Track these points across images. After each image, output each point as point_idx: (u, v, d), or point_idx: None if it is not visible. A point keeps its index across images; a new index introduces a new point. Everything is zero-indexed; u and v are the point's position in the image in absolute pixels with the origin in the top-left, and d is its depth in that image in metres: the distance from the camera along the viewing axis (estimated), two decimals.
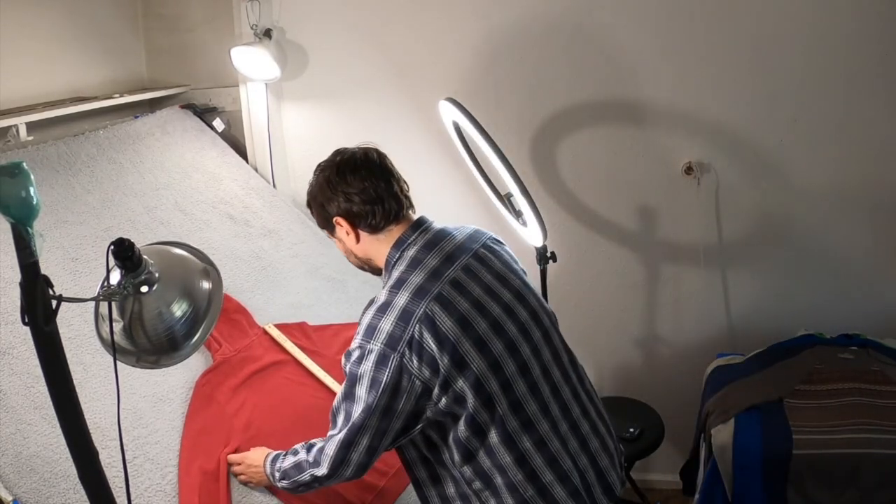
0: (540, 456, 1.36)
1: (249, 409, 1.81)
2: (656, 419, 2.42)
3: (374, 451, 1.33)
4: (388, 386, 1.26)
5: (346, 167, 1.40)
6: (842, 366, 2.24)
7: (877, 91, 2.29)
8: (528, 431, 1.36)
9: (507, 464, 1.35)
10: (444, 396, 1.29)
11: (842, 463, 1.89)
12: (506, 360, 1.34)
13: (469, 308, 1.33)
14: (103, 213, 2.09)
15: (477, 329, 1.32)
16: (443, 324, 1.28)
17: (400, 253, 1.39)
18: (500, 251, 1.49)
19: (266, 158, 2.73)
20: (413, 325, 1.27)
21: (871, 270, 2.46)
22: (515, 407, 1.35)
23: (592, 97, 2.50)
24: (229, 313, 2.04)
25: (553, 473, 1.37)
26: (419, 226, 1.42)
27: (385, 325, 1.28)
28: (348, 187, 1.38)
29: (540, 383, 1.39)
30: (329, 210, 1.42)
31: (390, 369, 1.26)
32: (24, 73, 2.28)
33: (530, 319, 1.42)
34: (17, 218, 0.84)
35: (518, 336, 1.38)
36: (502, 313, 1.37)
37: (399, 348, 1.26)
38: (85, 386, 1.62)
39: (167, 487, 1.56)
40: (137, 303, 1.02)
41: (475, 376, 1.30)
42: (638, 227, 2.61)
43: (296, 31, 2.67)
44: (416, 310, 1.28)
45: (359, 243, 1.44)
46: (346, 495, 1.71)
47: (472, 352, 1.30)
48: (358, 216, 1.40)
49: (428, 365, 1.27)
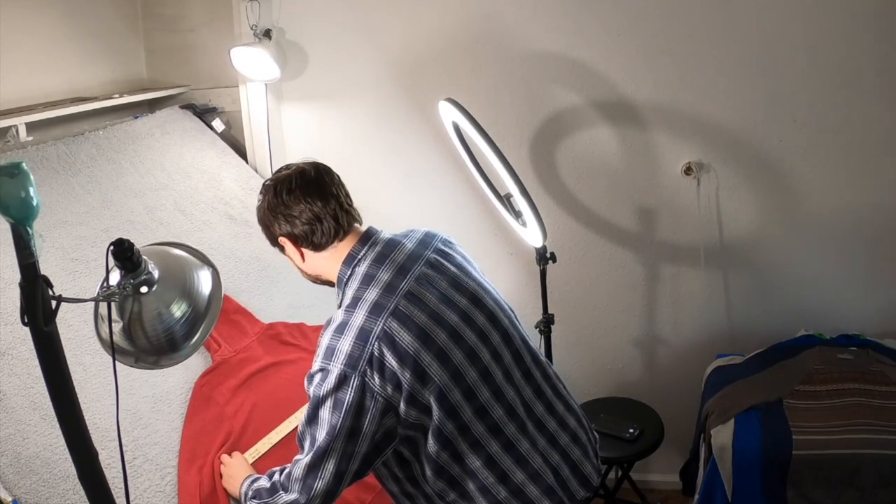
0: (509, 457, 1.37)
1: (248, 410, 1.81)
2: (656, 419, 2.42)
3: (342, 477, 1.30)
4: (350, 406, 1.25)
5: (283, 188, 1.38)
6: (842, 366, 2.24)
7: (877, 91, 2.29)
8: (495, 436, 1.36)
9: (478, 468, 1.35)
10: (411, 409, 1.28)
11: (842, 463, 1.89)
12: (466, 369, 1.34)
13: (427, 320, 1.32)
14: (103, 213, 2.09)
15: (437, 340, 1.31)
16: (402, 340, 1.28)
17: (351, 270, 1.39)
18: (452, 253, 1.47)
19: (266, 159, 2.72)
20: (372, 343, 1.26)
21: (870, 271, 2.46)
22: (481, 413, 1.35)
23: (592, 97, 2.50)
24: (229, 314, 2.04)
25: (524, 473, 1.38)
26: (367, 239, 1.41)
27: (343, 346, 1.27)
28: (286, 209, 1.38)
29: (503, 387, 1.39)
30: (273, 231, 1.43)
31: (352, 389, 1.25)
32: (24, 73, 2.28)
33: (488, 323, 1.41)
34: (16, 218, 0.84)
35: (478, 343, 1.37)
36: (460, 321, 1.36)
37: (360, 367, 1.25)
38: (84, 386, 1.62)
39: (167, 488, 1.56)
40: (137, 303, 1.02)
41: (438, 388, 1.29)
42: (638, 227, 2.61)
43: (296, 32, 2.67)
44: (373, 327, 1.27)
45: (305, 261, 1.44)
46: (346, 495, 1.71)
47: (434, 364, 1.29)
48: (299, 237, 1.40)
49: (390, 381, 1.26)
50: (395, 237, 1.45)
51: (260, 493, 1.40)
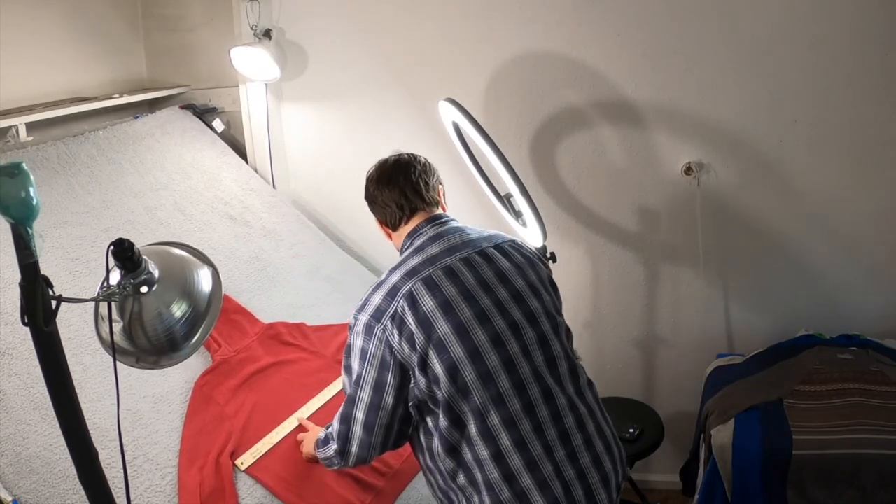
0: (519, 456, 1.35)
1: (249, 410, 1.81)
2: (656, 419, 2.42)
3: (372, 428, 1.38)
4: (373, 358, 1.35)
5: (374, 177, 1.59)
6: (842, 366, 2.24)
7: (877, 91, 2.29)
8: (508, 429, 1.35)
9: (485, 458, 1.35)
10: (423, 377, 1.34)
11: (842, 463, 1.89)
12: (488, 352, 1.35)
13: (455, 294, 1.37)
14: (103, 213, 2.09)
15: (459, 315, 1.35)
16: (424, 304, 1.34)
17: (410, 241, 1.51)
18: (513, 254, 1.51)
19: (266, 159, 2.73)
20: (398, 300, 1.35)
21: (870, 271, 2.46)
22: (496, 401, 1.35)
23: (592, 97, 2.50)
24: (229, 314, 2.04)
25: (532, 478, 1.34)
26: (434, 220, 1.54)
27: (375, 299, 1.38)
28: (377, 192, 1.57)
29: (528, 383, 1.38)
30: (371, 210, 1.61)
31: (375, 339, 1.34)
32: (24, 74, 2.28)
33: (524, 320, 1.42)
34: (16, 218, 0.84)
35: (506, 331, 1.38)
36: (492, 307, 1.39)
37: (383, 320, 1.34)
38: (85, 386, 1.62)
39: (167, 488, 1.56)
40: (137, 303, 1.02)
41: (452, 361, 1.33)
42: (638, 227, 2.61)
43: (296, 32, 2.67)
44: (402, 287, 1.36)
45: (392, 239, 1.60)
46: (346, 495, 1.71)
47: (452, 336, 1.33)
48: (386, 218, 1.57)
49: (407, 341, 1.33)
50: (465, 227, 1.55)
51: (318, 444, 1.58)
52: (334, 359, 2.08)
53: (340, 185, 2.80)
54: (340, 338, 2.16)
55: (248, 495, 1.63)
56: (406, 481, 1.84)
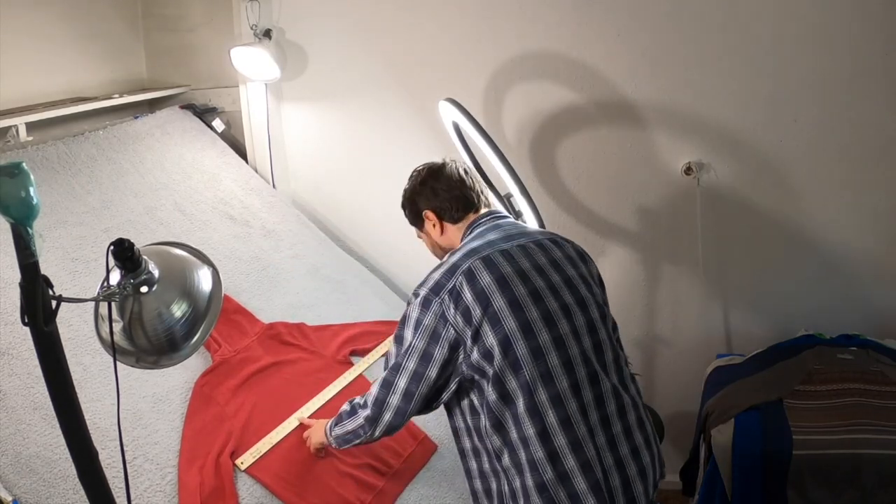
0: (564, 436, 1.37)
1: (248, 410, 1.81)
2: (656, 419, 2.42)
3: (411, 398, 1.43)
4: (426, 328, 1.41)
5: (436, 170, 1.66)
6: (842, 366, 2.23)
7: (877, 91, 2.29)
8: (555, 406, 1.37)
9: (530, 436, 1.37)
10: (475, 348, 1.39)
11: (842, 463, 1.89)
12: (540, 329, 1.40)
13: (511, 273, 1.44)
14: (103, 213, 2.09)
15: (514, 291, 1.41)
16: (482, 279, 1.41)
17: (471, 230, 1.61)
18: (566, 246, 1.59)
19: (266, 159, 2.73)
20: (456, 276, 1.42)
21: (871, 271, 2.46)
22: (545, 378, 1.38)
23: (592, 97, 2.50)
24: (229, 314, 2.04)
25: (575, 459, 1.37)
26: (493, 213, 1.66)
27: (435, 275, 1.46)
28: (437, 184, 1.64)
29: (576, 363, 1.42)
30: (420, 204, 1.66)
31: (431, 312, 1.41)
32: (24, 74, 2.28)
33: (575, 304, 1.47)
34: (16, 218, 0.84)
35: (558, 312, 1.44)
36: (545, 288, 1.45)
37: (440, 294, 1.41)
38: (85, 386, 1.62)
39: (167, 488, 1.56)
40: (137, 303, 1.02)
41: (504, 333, 1.38)
42: (638, 227, 2.61)
43: (296, 32, 2.67)
44: (462, 264, 1.44)
45: (443, 234, 1.66)
46: (346, 495, 1.71)
47: (506, 310, 1.39)
48: (443, 208, 1.64)
49: (462, 314, 1.39)
50: (519, 223, 1.67)
51: (341, 417, 1.59)
52: (334, 359, 2.09)
53: (340, 185, 2.80)
54: (340, 338, 2.16)
55: (248, 495, 1.63)
56: (406, 481, 1.84)
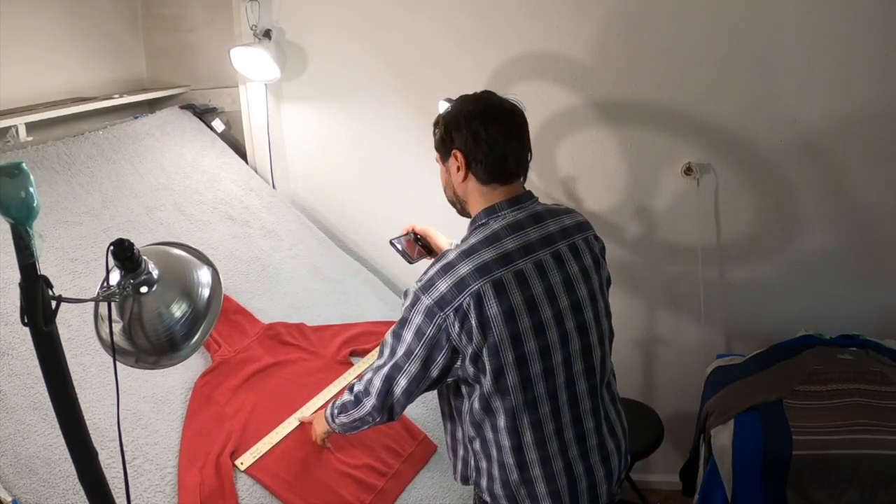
0: (536, 452, 1.42)
1: (248, 410, 1.81)
2: (656, 419, 2.42)
3: (412, 394, 1.43)
4: (428, 339, 1.36)
5: (491, 113, 1.42)
6: (841, 366, 2.23)
7: (877, 91, 2.28)
8: (533, 429, 1.41)
9: (504, 446, 1.42)
10: (470, 366, 1.37)
11: (841, 463, 1.89)
12: (534, 361, 1.38)
13: (521, 303, 1.36)
14: (103, 213, 2.09)
15: (518, 325, 1.36)
16: (489, 308, 1.33)
17: (487, 220, 1.43)
18: (584, 253, 1.48)
19: (266, 159, 2.73)
20: (464, 296, 1.33)
21: (870, 271, 2.46)
22: (529, 405, 1.40)
23: (592, 97, 2.50)
24: (229, 314, 2.04)
25: (542, 470, 1.43)
26: (517, 202, 1.44)
27: (442, 285, 1.35)
28: (483, 130, 1.40)
29: (560, 391, 1.42)
30: (454, 140, 1.43)
31: (434, 325, 1.34)
32: (24, 74, 2.28)
33: (575, 331, 1.44)
34: (16, 218, 0.84)
35: (556, 343, 1.40)
36: (551, 319, 1.39)
37: (446, 310, 1.33)
38: (84, 386, 1.62)
39: (167, 488, 1.56)
40: (137, 303, 1.02)
41: (500, 365, 1.36)
42: (638, 227, 2.61)
43: (295, 32, 2.67)
44: (472, 284, 1.33)
45: (463, 182, 1.45)
46: (346, 495, 1.71)
47: (506, 343, 1.35)
48: (476, 160, 1.41)
49: (466, 334, 1.34)
50: (543, 213, 1.46)
51: (346, 407, 1.54)
52: (334, 359, 2.09)
53: (340, 185, 2.80)
54: (340, 338, 2.16)
55: (248, 495, 1.63)
56: (406, 481, 1.84)
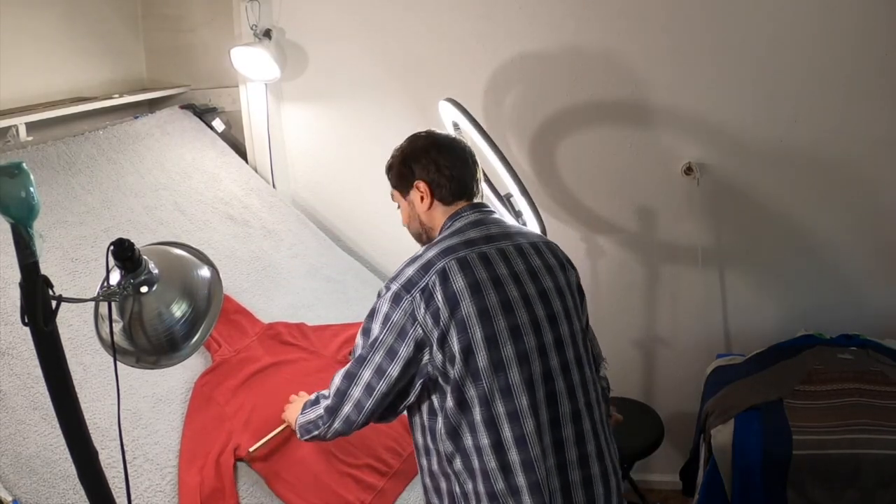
0: (517, 453, 1.35)
1: (249, 410, 1.81)
2: (656, 419, 2.42)
3: (372, 392, 1.40)
4: (394, 325, 1.37)
5: (443, 143, 1.55)
6: (841, 366, 2.24)
7: (877, 91, 2.29)
8: (511, 423, 1.35)
9: (485, 446, 1.35)
10: (439, 351, 1.36)
11: (841, 463, 1.89)
12: (505, 341, 1.36)
13: (486, 279, 1.38)
14: (103, 213, 2.09)
15: (486, 300, 1.37)
16: (455, 282, 1.36)
17: (451, 222, 1.51)
18: (547, 253, 1.51)
19: (266, 159, 2.72)
20: (431, 275, 1.37)
21: (870, 271, 2.46)
22: (504, 392, 1.35)
23: (592, 97, 2.50)
24: (229, 314, 2.04)
25: (525, 478, 1.35)
26: (477, 206, 1.54)
27: (409, 271, 1.40)
28: (441, 158, 1.52)
29: (536, 382, 1.38)
30: (416, 172, 1.53)
31: (401, 309, 1.36)
32: (24, 74, 2.28)
33: (546, 319, 1.42)
34: (16, 218, 0.84)
35: (527, 325, 1.39)
36: (518, 299, 1.40)
37: (412, 292, 1.36)
38: (85, 386, 1.62)
39: (167, 488, 1.56)
40: (137, 303, 1.02)
41: (468, 342, 1.35)
42: (638, 227, 2.61)
43: (296, 32, 2.67)
44: (437, 263, 1.38)
45: (428, 210, 1.54)
46: (346, 495, 1.71)
47: (474, 318, 1.35)
48: (439, 185, 1.51)
49: (432, 315, 1.35)
50: (503, 220, 1.56)
51: (305, 406, 1.58)
52: (334, 359, 2.08)
53: (340, 185, 2.80)
54: (340, 338, 2.16)
55: (249, 495, 1.63)
56: (406, 481, 1.84)
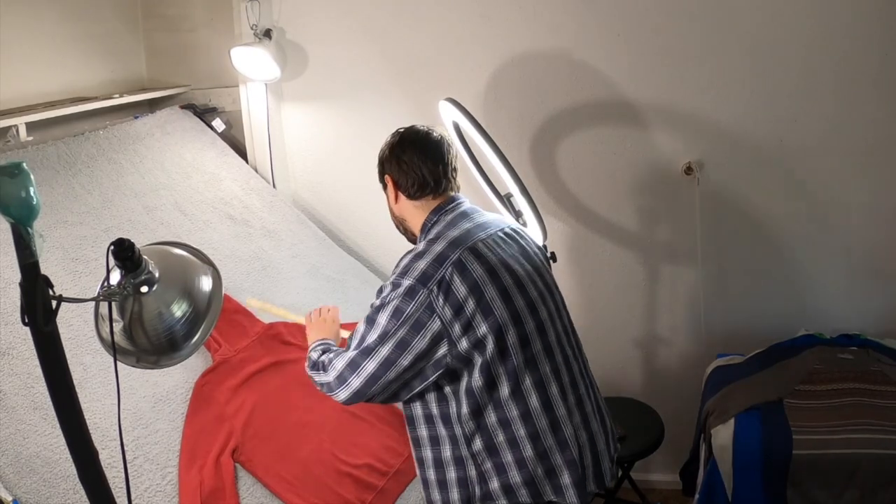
0: (545, 417, 1.43)
1: (249, 410, 1.81)
2: (656, 419, 2.42)
3: (376, 381, 1.40)
4: (409, 317, 1.37)
5: (407, 140, 1.58)
6: (842, 366, 2.24)
7: (877, 91, 2.29)
8: (538, 390, 1.44)
9: (513, 417, 1.42)
10: (464, 338, 1.38)
11: (842, 463, 1.89)
12: (526, 317, 1.45)
13: (497, 263, 1.46)
14: (103, 213, 2.09)
15: (503, 281, 1.45)
16: (473, 270, 1.42)
17: (438, 217, 1.56)
18: (518, 237, 1.62)
19: (266, 158, 2.73)
20: (446, 267, 1.40)
21: (870, 271, 2.46)
22: (529, 364, 1.44)
23: (593, 97, 2.50)
24: (229, 314, 2.04)
25: (554, 438, 1.44)
26: (454, 200, 1.59)
27: (420, 265, 1.41)
28: (403, 154, 1.56)
29: (553, 348, 1.50)
30: (385, 168, 1.61)
31: (416, 302, 1.38)
32: (25, 74, 2.28)
33: (545, 291, 1.55)
34: (17, 218, 0.84)
35: (537, 299, 1.50)
36: (525, 276, 1.50)
37: (429, 285, 1.38)
38: (85, 386, 1.62)
39: (167, 488, 1.56)
40: (137, 303, 1.02)
41: (498, 324, 1.40)
42: (638, 227, 2.61)
43: (296, 32, 2.67)
44: (451, 255, 1.42)
45: (396, 203, 1.61)
46: (346, 495, 1.71)
47: (497, 300, 1.42)
48: (400, 181, 1.57)
49: (451, 305, 1.38)
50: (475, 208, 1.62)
51: (315, 364, 1.53)
52: None
53: (340, 185, 2.80)
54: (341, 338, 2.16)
55: (249, 495, 1.63)
56: (406, 481, 1.84)
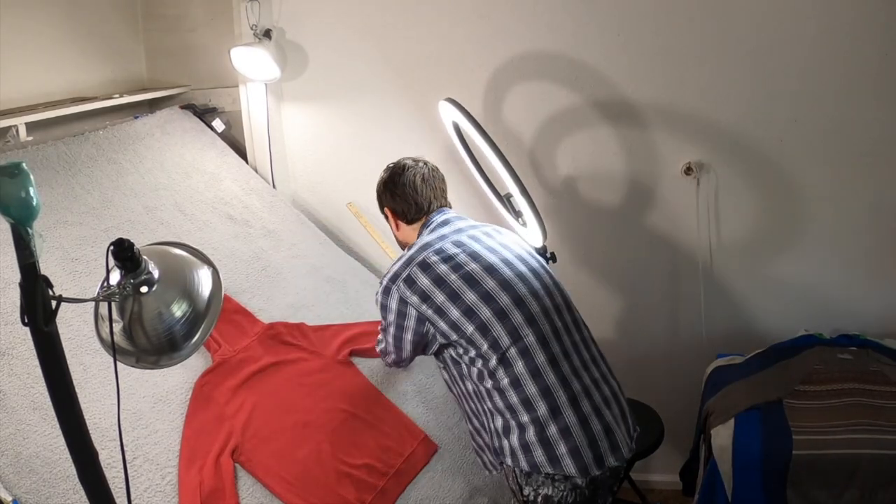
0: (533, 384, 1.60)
1: (248, 410, 1.81)
2: (656, 419, 2.42)
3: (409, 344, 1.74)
4: (393, 309, 1.71)
5: (396, 175, 1.85)
6: (841, 366, 2.24)
7: (877, 91, 2.29)
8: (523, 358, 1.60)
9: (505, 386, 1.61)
10: (440, 321, 1.65)
11: (841, 463, 1.89)
12: (498, 294, 1.65)
13: (466, 258, 1.69)
14: (103, 213, 2.09)
15: (466, 268, 1.67)
16: (435, 266, 1.68)
17: (423, 229, 1.84)
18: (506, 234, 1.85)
19: (266, 159, 2.73)
20: (411, 266, 1.69)
21: (870, 271, 2.46)
22: (512, 335, 1.62)
23: (592, 97, 2.50)
24: (229, 314, 2.04)
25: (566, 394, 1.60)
26: (439, 212, 1.86)
27: (395, 267, 1.73)
28: (396, 189, 1.84)
29: (538, 318, 1.65)
30: (383, 201, 1.90)
31: (391, 297, 1.70)
32: (25, 74, 2.28)
33: (529, 272, 1.72)
34: (16, 218, 0.84)
35: (514, 279, 1.69)
36: (499, 262, 1.71)
37: (397, 282, 1.69)
38: (85, 386, 1.62)
39: (167, 488, 1.56)
40: (137, 303, 1.02)
41: (467, 305, 1.63)
42: (638, 227, 2.61)
43: (296, 32, 2.67)
44: (416, 256, 1.71)
45: (399, 230, 1.90)
46: (346, 495, 1.71)
47: (463, 287, 1.65)
48: (397, 210, 1.87)
49: (419, 296, 1.66)
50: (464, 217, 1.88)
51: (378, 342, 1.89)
52: (334, 359, 2.08)
53: (341, 186, 2.80)
54: (340, 338, 2.16)
55: (249, 495, 1.63)
56: (406, 481, 1.84)
